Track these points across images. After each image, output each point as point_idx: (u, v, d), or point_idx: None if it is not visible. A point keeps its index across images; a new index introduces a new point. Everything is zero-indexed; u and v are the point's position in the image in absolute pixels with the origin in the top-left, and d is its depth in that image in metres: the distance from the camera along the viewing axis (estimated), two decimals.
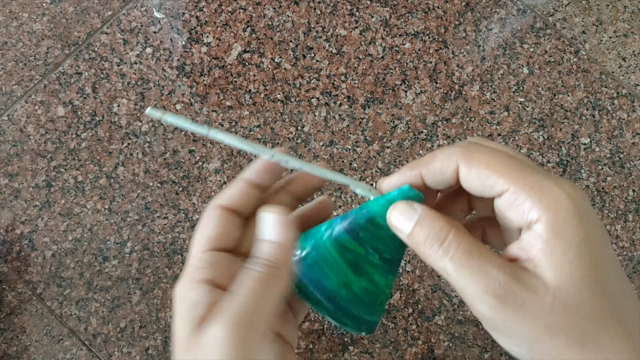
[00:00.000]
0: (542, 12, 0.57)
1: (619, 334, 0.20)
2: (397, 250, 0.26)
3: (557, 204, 0.20)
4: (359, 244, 0.25)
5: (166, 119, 0.22)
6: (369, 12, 0.56)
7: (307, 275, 0.26)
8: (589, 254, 0.20)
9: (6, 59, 0.52)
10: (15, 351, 0.46)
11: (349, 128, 0.52)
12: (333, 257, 0.26)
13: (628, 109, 0.55)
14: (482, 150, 0.22)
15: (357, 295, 0.26)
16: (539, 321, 0.20)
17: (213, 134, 0.23)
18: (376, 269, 0.26)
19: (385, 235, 0.25)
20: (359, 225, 0.25)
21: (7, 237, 0.48)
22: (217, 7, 0.55)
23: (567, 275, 0.20)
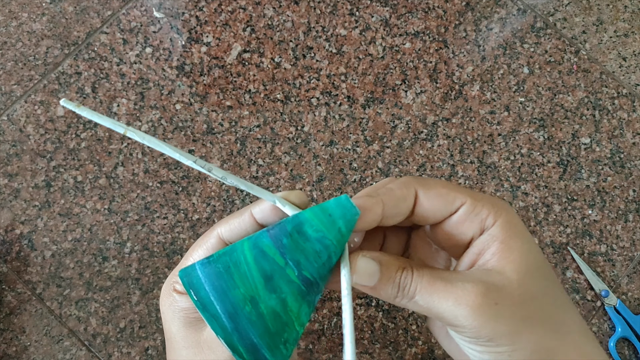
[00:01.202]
0: (542, 12, 0.57)
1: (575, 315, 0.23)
2: (319, 271, 0.22)
3: (507, 210, 0.23)
4: (280, 252, 0.22)
5: (80, 111, 0.20)
6: (369, 12, 0.55)
7: (211, 281, 0.22)
8: (536, 249, 0.23)
9: (5, 58, 0.52)
10: (14, 351, 0.46)
11: (349, 128, 0.52)
12: (247, 262, 0.22)
13: (628, 109, 0.55)
14: (432, 179, 0.25)
15: (262, 316, 0.21)
16: (515, 314, 0.21)
17: (131, 134, 0.21)
18: (291, 288, 0.22)
19: (311, 249, 0.22)
20: (285, 231, 0.22)
21: (6, 237, 0.48)
22: (217, 6, 0.55)
23: (526, 268, 0.22)
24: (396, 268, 0.22)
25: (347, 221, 0.22)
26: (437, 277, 0.22)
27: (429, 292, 0.21)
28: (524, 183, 0.52)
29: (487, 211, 0.23)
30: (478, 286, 0.21)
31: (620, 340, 0.49)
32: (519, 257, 0.22)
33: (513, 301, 0.21)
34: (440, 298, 0.21)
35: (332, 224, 0.22)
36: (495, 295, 0.21)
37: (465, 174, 0.52)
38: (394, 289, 0.22)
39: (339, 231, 0.22)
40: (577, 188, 0.52)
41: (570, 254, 0.51)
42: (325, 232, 0.22)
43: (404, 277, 0.22)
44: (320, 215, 0.22)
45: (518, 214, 0.51)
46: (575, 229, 0.51)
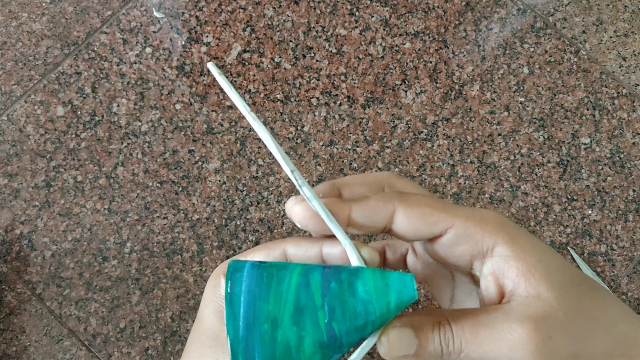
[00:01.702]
0: (542, 12, 0.57)
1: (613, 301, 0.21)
2: (349, 332, 0.21)
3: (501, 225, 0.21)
4: (322, 292, 0.22)
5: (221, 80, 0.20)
6: (369, 12, 0.56)
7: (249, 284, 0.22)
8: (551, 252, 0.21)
9: (6, 58, 0.52)
10: (14, 351, 0.46)
11: (349, 128, 0.52)
12: (289, 284, 0.22)
13: (628, 109, 0.55)
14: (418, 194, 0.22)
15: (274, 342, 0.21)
16: (570, 337, 0.20)
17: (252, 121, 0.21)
18: (314, 332, 0.21)
19: (351, 307, 0.21)
20: (337, 276, 0.22)
21: (6, 237, 0.48)
22: (216, 6, 0.55)
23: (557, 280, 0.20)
24: (431, 327, 0.21)
25: (400, 300, 0.21)
26: (479, 324, 0.20)
27: (476, 345, 0.20)
28: (524, 183, 0.52)
29: (481, 232, 0.21)
30: (526, 325, 0.19)
31: None
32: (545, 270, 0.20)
33: (562, 324, 0.20)
34: (493, 347, 0.20)
35: (384, 294, 0.21)
36: (545, 328, 0.20)
37: (465, 174, 0.52)
38: (437, 349, 0.21)
39: (387, 305, 0.21)
40: (577, 188, 0.52)
41: (570, 254, 0.51)
42: (374, 299, 0.21)
43: (442, 334, 0.21)
44: (377, 279, 0.22)
45: (518, 214, 0.51)
46: (575, 229, 0.51)
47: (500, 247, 0.21)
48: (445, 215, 0.21)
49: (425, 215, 0.22)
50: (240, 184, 0.51)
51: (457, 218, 0.21)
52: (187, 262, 0.49)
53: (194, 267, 0.49)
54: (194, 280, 0.48)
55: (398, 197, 0.22)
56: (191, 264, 0.49)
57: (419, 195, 0.22)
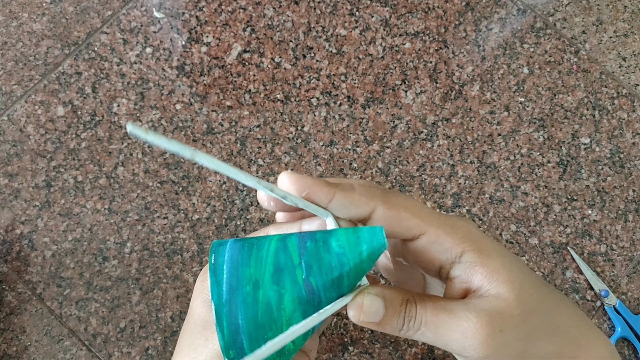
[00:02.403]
0: (542, 12, 0.57)
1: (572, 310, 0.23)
2: (326, 285, 0.22)
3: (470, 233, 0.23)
4: (299, 252, 0.22)
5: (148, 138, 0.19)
6: (369, 12, 0.56)
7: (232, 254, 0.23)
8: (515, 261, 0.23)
9: (6, 59, 0.52)
10: (15, 351, 0.46)
11: (349, 128, 0.52)
12: (268, 249, 0.23)
13: (628, 109, 0.55)
14: (399, 195, 0.24)
15: (256, 302, 0.21)
16: (520, 335, 0.21)
17: (198, 158, 0.20)
18: (293, 289, 0.22)
19: (327, 261, 0.22)
20: (312, 236, 0.23)
21: (6, 237, 0.48)
22: (217, 6, 0.55)
23: (518, 284, 0.22)
24: (400, 302, 0.22)
25: (371, 248, 0.22)
26: (441, 308, 0.22)
27: (434, 325, 0.21)
28: (523, 183, 0.52)
29: (451, 239, 0.23)
30: (482, 317, 0.21)
31: (619, 340, 0.49)
32: (507, 275, 0.22)
33: (515, 323, 0.21)
34: (447, 331, 0.21)
35: (355, 245, 0.22)
36: (499, 323, 0.21)
37: (465, 174, 0.52)
38: (399, 323, 0.22)
39: (359, 254, 0.22)
40: (576, 188, 0.52)
41: (570, 254, 0.51)
42: (347, 251, 0.22)
43: (408, 310, 0.22)
44: (349, 233, 0.22)
45: (518, 214, 0.51)
46: (575, 229, 0.51)
47: (468, 254, 0.22)
48: (420, 222, 0.23)
49: (402, 219, 0.23)
50: (241, 184, 0.51)
51: (430, 226, 0.23)
52: (188, 262, 0.49)
53: (194, 267, 0.49)
54: (194, 280, 0.48)
55: (381, 197, 0.23)
56: (191, 264, 0.49)
57: (401, 198, 0.23)
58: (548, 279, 0.50)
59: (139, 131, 0.19)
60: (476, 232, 0.23)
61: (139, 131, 0.19)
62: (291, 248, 0.22)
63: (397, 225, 0.23)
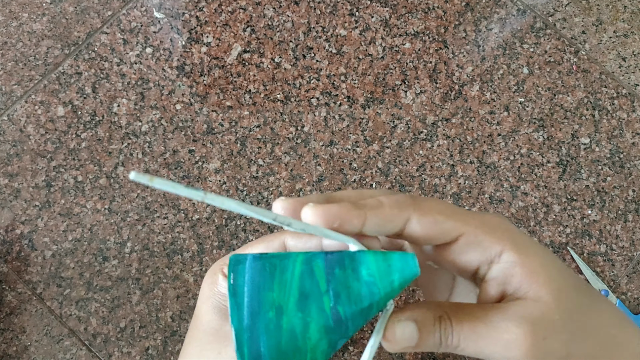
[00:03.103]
0: (542, 12, 0.57)
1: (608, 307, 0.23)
2: (354, 315, 0.21)
3: (508, 232, 0.22)
4: (327, 278, 0.21)
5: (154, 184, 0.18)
6: (369, 12, 0.56)
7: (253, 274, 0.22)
8: (556, 261, 0.22)
9: (6, 59, 0.52)
10: (15, 351, 0.46)
11: (349, 128, 0.52)
12: (293, 272, 0.22)
13: (628, 109, 0.55)
14: (429, 200, 0.23)
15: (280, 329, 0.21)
16: (563, 340, 0.21)
17: (210, 199, 0.19)
18: (319, 317, 0.21)
19: (356, 290, 0.21)
20: (341, 262, 0.22)
21: (7, 237, 0.48)
22: (217, 7, 0.55)
23: (556, 287, 0.21)
24: (433, 321, 0.21)
25: (403, 278, 0.21)
26: (478, 320, 0.21)
27: (473, 340, 0.21)
28: (523, 183, 0.52)
29: (490, 239, 0.22)
30: (523, 326, 0.20)
31: None
32: (546, 276, 0.21)
33: (557, 327, 0.20)
34: (487, 344, 0.20)
35: (387, 275, 0.21)
36: (541, 330, 0.20)
37: (464, 174, 0.52)
38: (435, 342, 0.21)
39: (390, 284, 0.21)
40: (576, 188, 0.52)
41: (569, 254, 0.51)
42: (377, 280, 0.21)
43: (443, 329, 0.21)
44: (379, 261, 0.22)
45: (518, 214, 0.51)
46: (575, 229, 0.51)
47: (507, 253, 0.21)
48: (457, 224, 0.22)
49: (438, 222, 0.22)
50: (241, 184, 0.51)
51: (468, 226, 0.22)
52: (188, 262, 0.49)
53: (194, 267, 0.49)
54: (194, 280, 0.48)
55: (412, 204, 0.22)
56: (191, 263, 0.49)
57: (431, 202, 0.23)
58: None
59: (143, 179, 0.18)
60: (513, 229, 0.22)
61: (143, 179, 0.18)
62: (318, 273, 0.21)
63: (435, 230, 0.22)
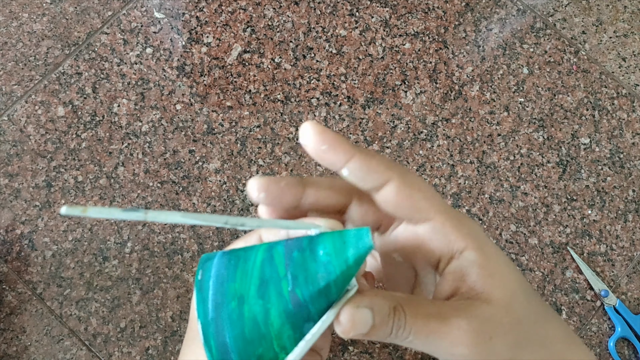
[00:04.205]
0: (542, 12, 0.57)
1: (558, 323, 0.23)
2: (312, 296, 0.21)
3: (476, 233, 0.22)
4: (285, 263, 0.21)
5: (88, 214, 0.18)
6: (369, 13, 0.56)
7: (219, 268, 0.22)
8: (513, 266, 0.23)
9: (6, 59, 0.52)
10: (15, 351, 0.46)
11: (349, 128, 0.53)
12: (255, 261, 0.21)
13: (628, 109, 0.55)
14: (416, 176, 0.23)
15: (242, 318, 0.20)
16: (508, 343, 0.21)
17: (152, 217, 0.19)
18: (279, 302, 0.20)
19: (313, 271, 0.21)
20: (299, 245, 0.21)
21: (7, 237, 0.48)
22: (217, 7, 0.55)
23: (510, 291, 0.22)
24: (388, 311, 0.21)
25: (357, 253, 0.21)
26: (431, 316, 0.21)
27: (424, 334, 0.21)
28: (523, 183, 0.52)
29: (456, 233, 0.22)
30: (472, 323, 0.20)
31: (619, 340, 0.49)
32: (502, 281, 0.22)
33: (504, 330, 0.21)
34: (437, 339, 0.21)
35: (342, 252, 0.21)
36: (488, 330, 0.21)
37: (464, 174, 0.52)
38: (386, 332, 0.21)
39: (345, 261, 0.21)
40: (576, 188, 0.52)
41: (570, 254, 0.51)
42: (333, 258, 0.21)
43: (397, 319, 0.21)
44: (336, 239, 0.21)
45: (518, 214, 0.51)
46: (575, 229, 0.51)
47: (469, 251, 0.22)
48: (430, 207, 0.22)
49: (414, 199, 0.22)
50: (241, 184, 0.51)
51: (439, 214, 0.22)
52: (188, 262, 0.49)
53: (194, 267, 0.49)
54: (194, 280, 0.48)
55: (399, 170, 0.22)
56: (192, 263, 0.49)
57: (415, 178, 0.23)
58: (548, 279, 0.50)
59: (75, 211, 0.17)
60: (481, 233, 0.23)
61: (75, 211, 0.18)
62: (277, 259, 0.21)
63: (408, 204, 0.22)
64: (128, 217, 0.18)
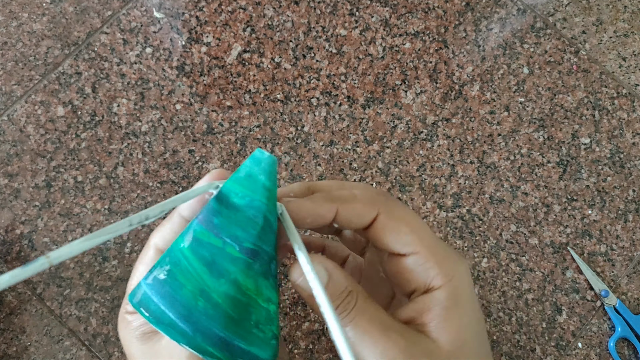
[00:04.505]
0: (542, 12, 0.57)
1: None
2: (261, 237, 0.20)
3: (457, 274, 0.22)
4: (214, 233, 0.20)
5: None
6: (369, 12, 0.56)
7: (157, 291, 0.20)
8: (476, 321, 0.23)
9: (6, 59, 0.52)
10: (15, 351, 0.46)
11: (349, 128, 0.52)
12: (185, 256, 0.20)
13: (628, 109, 0.55)
14: (403, 207, 0.23)
15: (219, 306, 0.19)
16: None
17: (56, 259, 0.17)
18: (237, 266, 0.20)
19: (244, 218, 0.20)
20: (212, 210, 0.20)
21: (6, 237, 0.48)
22: (217, 7, 0.55)
23: (461, 341, 0.22)
24: (342, 288, 0.21)
25: (268, 173, 0.21)
26: (377, 320, 0.21)
27: (362, 331, 0.21)
28: (523, 183, 0.52)
29: (437, 270, 0.22)
30: (409, 348, 0.20)
31: (620, 340, 0.49)
32: (457, 330, 0.21)
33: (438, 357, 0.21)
34: (371, 343, 0.21)
35: (255, 183, 0.21)
36: (419, 351, 0.21)
37: (465, 174, 0.52)
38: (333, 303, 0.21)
39: (263, 187, 0.21)
40: (576, 188, 0.52)
41: (570, 254, 0.51)
42: (252, 194, 0.20)
43: (346, 302, 0.21)
44: (241, 179, 0.21)
45: (518, 214, 0.51)
46: (575, 229, 0.51)
47: (440, 291, 0.22)
48: (416, 240, 0.22)
49: (401, 233, 0.23)
50: None
51: (424, 248, 0.22)
52: None
53: None
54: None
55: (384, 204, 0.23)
56: None
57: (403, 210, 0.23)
58: (548, 279, 0.50)
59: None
60: (463, 277, 0.23)
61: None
62: (204, 237, 0.20)
63: (394, 238, 0.23)
64: (33, 270, 0.17)
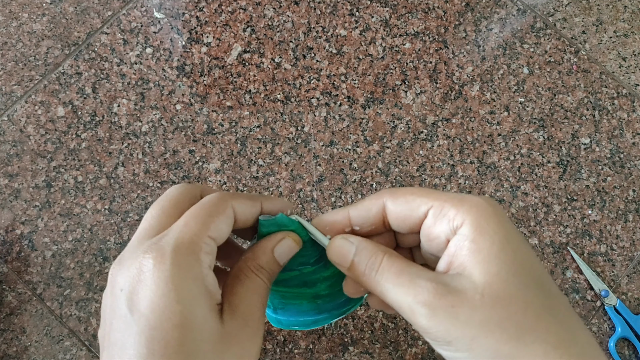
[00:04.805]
0: (542, 12, 0.57)
1: (554, 324, 0.20)
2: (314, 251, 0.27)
3: (477, 207, 0.22)
4: (288, 269, 0.26)
5: None
6: (369, 12, 0.56)
7: (288, 317, 0.28)
8: (512, 249, 0.21)
9: (6, 59, 0.52)
10: (15, 351, 0.46)
11: (349, 128, 0.52)
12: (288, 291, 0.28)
13: (628, 109, 0.55)
14: (404, 188, 0.25)
15: (331, 292, 0.28)
16: (471, 320, 0.20)
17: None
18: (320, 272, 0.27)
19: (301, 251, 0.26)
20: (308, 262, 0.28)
21: (7, 238, 0.48)
22: (217, 7, 0.55)
23: (494, 270, 0.20)
24: (370, 254, 0.23)
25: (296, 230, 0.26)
26: (406, 272, 0.22)
27: (393, 284, 0.21)
28: (523, 183, 0.52)
29: (455, 210, 0.22)
30: (439, 287, 0.20)
31: (620, 340, 0.49)
32: (488, 257, 0.20)
33: (472, 305, 0.20)
34: (403, 293, 0.21)
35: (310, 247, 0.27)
36: (453, 298, 0.20)
37: (465, 174, 0.52)
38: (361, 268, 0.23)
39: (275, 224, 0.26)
40: (577, 188, 0.52)
41: (570, 254, 0.51)
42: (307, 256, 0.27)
43: (371, 262, 0.23)
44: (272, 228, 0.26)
45: (518, 214, 0.51)
46: (575, 229, 0.51)
47: (465, 227, 0.22)
48: (425, 199, 0.23)
49: (409, 201, 0.23)
50: (241, 184, 0.51)
51: (436, 200, 0.23)
52: None
53: None
54: None
55: (387, 192, 0.24)
56: None
57: (405, 188, 0.24)
58: None
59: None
60: (486, 209, 0.22)
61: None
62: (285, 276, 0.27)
63: (406, 208, 0.23)
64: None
